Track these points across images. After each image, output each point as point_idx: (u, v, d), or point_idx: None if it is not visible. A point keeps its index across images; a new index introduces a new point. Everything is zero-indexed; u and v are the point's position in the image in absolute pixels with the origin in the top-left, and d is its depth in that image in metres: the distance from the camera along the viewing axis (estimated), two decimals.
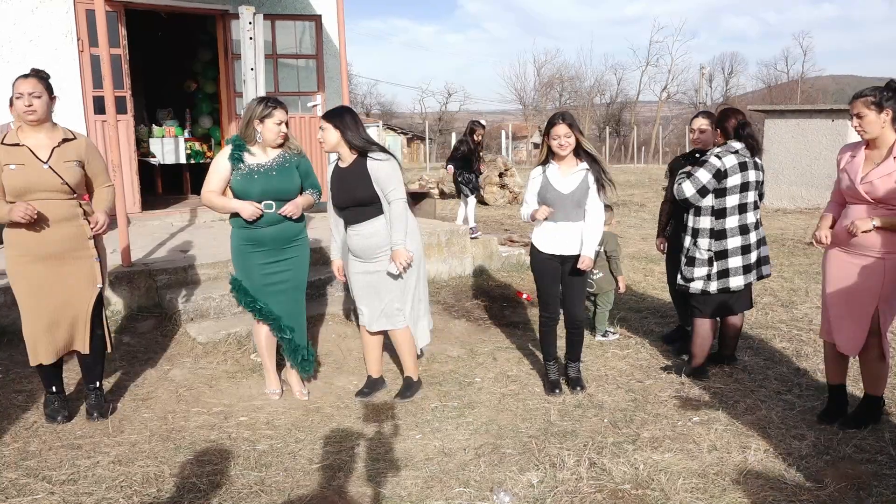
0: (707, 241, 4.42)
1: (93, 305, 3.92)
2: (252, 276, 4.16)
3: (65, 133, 3.85)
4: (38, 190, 3.68)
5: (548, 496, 3.22)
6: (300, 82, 8.81)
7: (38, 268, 3.76)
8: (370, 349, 4.50)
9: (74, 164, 3.80)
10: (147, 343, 5.15)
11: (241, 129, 4.14)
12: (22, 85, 3.67)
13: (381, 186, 4.11)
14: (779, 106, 15.03)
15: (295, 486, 3.31)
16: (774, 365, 4.89)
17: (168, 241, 6.96)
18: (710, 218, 4.41)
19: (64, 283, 3.81)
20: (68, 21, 7.34)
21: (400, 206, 4.14)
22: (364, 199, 4.14)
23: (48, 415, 3.96)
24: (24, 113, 3.67)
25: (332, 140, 4.14)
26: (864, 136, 3.64)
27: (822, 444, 3.67)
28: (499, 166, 14.16)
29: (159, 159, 9.82)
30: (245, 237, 4.12)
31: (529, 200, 4.40)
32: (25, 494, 3.19)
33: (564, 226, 4.28)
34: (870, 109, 3.56)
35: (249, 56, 4.72)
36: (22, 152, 3.68)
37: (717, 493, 3.23)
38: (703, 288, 4.47)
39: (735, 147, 4.40)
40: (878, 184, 3.56)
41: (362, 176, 4.13)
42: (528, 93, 53.02)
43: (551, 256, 4.34)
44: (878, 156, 3.63)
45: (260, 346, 4.36)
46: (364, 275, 4.31)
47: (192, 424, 3.96)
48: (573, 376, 4.54)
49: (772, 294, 6.75)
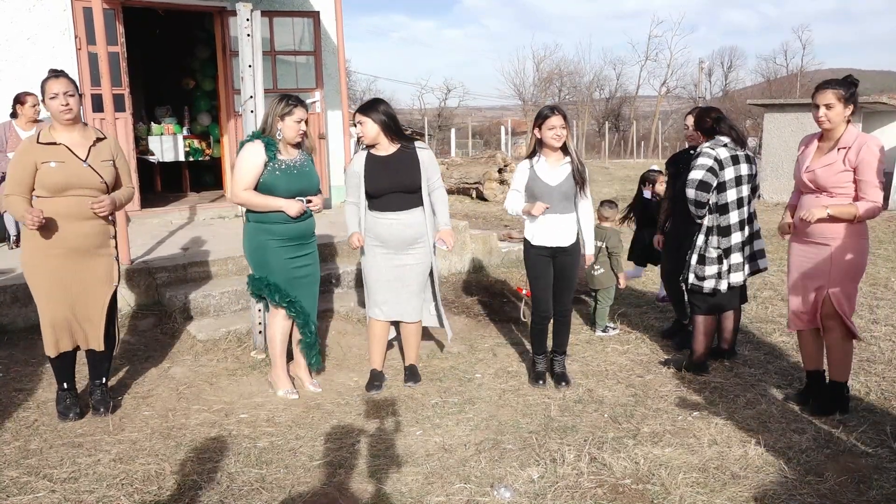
0: (716, 239, 4.43)
1: (108, 303, 3.96)
2: (281, 271, 4.18)
3: (95, 133, 3.95)
4: (76, 187, 3.76)
5: (548, 491, 3.22)
6: (298, 79, 8.79)
7: (58, 261, 3.80)
8: (378, 342, 4.55)
9: (110, 163, 3.91)
10: (147, 341, 5.15)
11: (264, 126, 4.14)
12: (55, 85, 3.74)
13: (428, 174, 4.32)
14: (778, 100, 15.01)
15: (296, 483, 3.31)
16: (774, 359, 4.89)
17: (167, 238, 6.96)
18: (715, 215, 4.42)
19: (82, 278, 3.86)
20: (66, 19, 7.32)
21: (444, 191, 4.45)
22: (411, 186, 4.27)
23: (60, 412, 3.97)
24: (61, 112, 3.75)
25: (371, 133, 4.24)
26: (825, 126, 3.76)
27: (823, 438, 3.68)
28: (498, 162, 14.14)
29: (158, 157, 9.81)
30: (273, 232, 4.13)
31: (515, 193, 4.43)
32: (26, 493, 3.19)
33: (553, 218, 4.31)
34: (839, 102, 3.68)
35: (247, 53, 4.71)
36: (60, 150, 3.75)
37: (718, 487, 3.24)
38: (715, 286, 4.48)
39: (723, 140, 4.43)
40: (820, 173, 3.74)
41: (411, 163, 4.27)
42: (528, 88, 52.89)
43: (542, 249, 4.36)
44: (827, 147, 3.79)
45: (274, 343, 4.34)
46: (390, 269, 4.36)
47: (192, 422, 3.96)
48: (558, 371, 4.55)
49: (771, 288, 6.75)
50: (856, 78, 3.79)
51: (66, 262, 3.81)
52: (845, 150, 3.68)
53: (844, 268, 3.77)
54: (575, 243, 4.37)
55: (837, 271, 3.77)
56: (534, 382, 4.50)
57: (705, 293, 4.50)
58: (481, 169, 14.15)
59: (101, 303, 3.94)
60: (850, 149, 3.66)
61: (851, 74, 3.81)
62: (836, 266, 3.77)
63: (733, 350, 4.92)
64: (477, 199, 13.88)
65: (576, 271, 4.47)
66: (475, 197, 14.00)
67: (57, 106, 3.73)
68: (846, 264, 3.76)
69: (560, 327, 4.55)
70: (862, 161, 3.62)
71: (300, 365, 4.47)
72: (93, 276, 3.89)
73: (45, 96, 3.77)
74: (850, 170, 3.66)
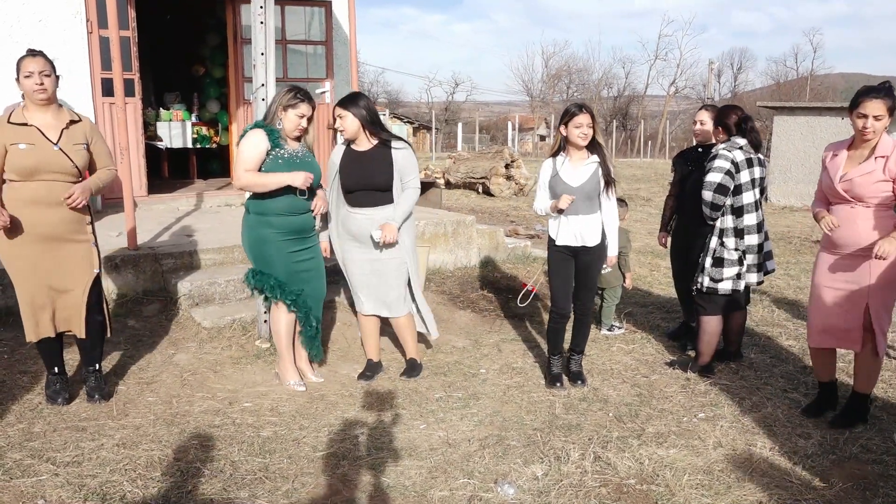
0: (733, 241, 4.40)
1: (90, 290, 3.90)
2: (284, 266, 4.15)
3: (70, 115, 3.84)
4: (46, 171, 3.67)
5: (552, 489, 3.21)
6: (309, 69, 8.76)
7: (34, 248, 3.73)
8: (369, 335, 4.57)
9: (83, 146, 3.80)
10: (152, 327, 5.15)
11: (267, 115, 4.12)
12: (31, 64, 3.64)
13: (401, 174, 4.23)
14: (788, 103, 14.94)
15: (299, 473, 3.30)
16: (780, 363, 4.87)
17: (174, 225, 6.94)
18: (731, 217, 4.39)
19: (60, 264, 3.80)
20: (78, 2, 7.29)
21: (415, 193, 4.30)
22: (381, 184, 4.21)
23: (49, 396, 3.96)
24: (35, 92, 3.65)
25: (352, 127, 4.20)
26: (868, 136, 3.59)
27: (829, 444, 3.66)
28: (505, 157, 14.10)
29: (166, 143, 9.79)
30: (273, 225, 4.09)
31: (541, 193, 4.39)
32: (30, 475, 3.18)
33: (575, 219, 4.26)
34: (888, 113, 3.54)
35: (260, 41, 4.68)
36: (31, 132, 3.66)
37: (722, 489, 3.22)
38: (732, 287, 4.45)
39: (739, 143, 4.40)
40: (858, 182, 3.60)
41: (384, 162, 4.20)
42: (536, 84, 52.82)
43: (564, 248, 4.32)
44: (861, 155, 3.65)
45: (279, 336, 4.31)
46: (367, 262, 4.33)
47: (196, 409, 3.96)
48: (575, 370, 4.53)
49: (778, 292, 6.72)
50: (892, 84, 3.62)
51: (40, 248, 3.74)
52: (884, 159, 3.54)
53: (884, 279, 3.62)
54: (599, 244, 4.31)
55: (878, 283, 3.63)
56: (550, 385, 4.44)
57: (720, 294, 4.48)
58: (488, 164, 14.11)
59: (83, 289, 3.88)
60: (890, 157, 3.52)
61: (889, 82, 3.63)
62: (875, 279, 3.62)
63: (739, 352, 4.90)
64: (483, 195, 13.85)
65: (597, 272, 4.43)
66: (481, 192, 13.97)
67: (31, 85, 3.63)
68: (885, 275, 3.62)
69: (579, 327, 4.53)
70: None
71: (302, 357, 4.46)
72: (70, 263, 3.82)
73: (19, 74, 3.65)
74: (890, 179, 3.52)
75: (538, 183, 4.43)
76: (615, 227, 4.40)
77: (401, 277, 4.39)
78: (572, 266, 4.36)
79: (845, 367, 4.55)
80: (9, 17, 7.04)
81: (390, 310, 4.43)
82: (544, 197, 4.36)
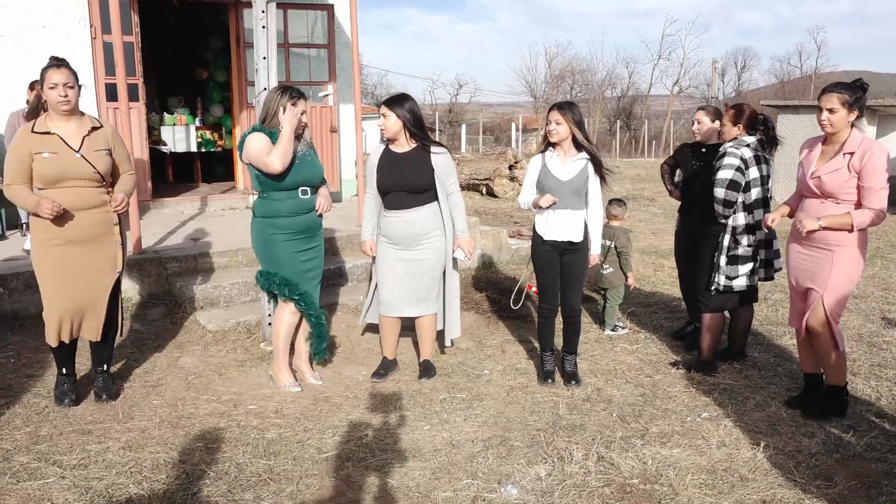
0: (746, 238, 4.42)
1: (110, 290, 3.96)
2: (290, 265, 4.19)
3: (92, 121, 3.92)
4: (70, 178, 3.74)
5: (556, 489, 3.22)
6: (311, 72, 8.79)
7: (64, 252, 3.80)
8: (389, 333, 4.59)
9: (104, 152, 3.87)
10: (157, 330, 5.17)
11: (265, 118, 4.14)
12: (56, 75, 3.71)
13: (441, 178, 4.29)
14: (792, 101, 14.91)
15: (303, 475, 3.32)
16: (784, 362, 4.86)
17: (179, 229, 6.98)
18: (743, 214, 4.41)
19: (88, 268, 3.87)
20: (81, 7, 7.34)
21: (460, 196, 4.43)
22: (419, 186, 4.27)
23: (57, 397, 3.99)
24: (59, 103, 3.73)
25: (393, 128, 4.25)
26: (827, 129, 3.72)
27: (832, 442, 3.66)
28: (508, 158, 14.09)
29: (170, 147, 9.84)
30: (280, 226, 4.14)
31: (527, 187, 4.44)
32: (36, 478, 3.21)
33: (563, 213, 4.30)
34: (843, 106, 3.64)
35: (262, 45, 4.71)
36: (53, 141, 3.73)
37: (726, 489, 3.22)
38: (748, 283, 4.50)
39: (747, 140, 4.43)
40: (826, 179, 3.70)
41: (422, 164, 4.26)
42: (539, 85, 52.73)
43: (550, 243, 4.35)
44: (832, 151, 3.75)
45: (279, 337, 4.33)
46: (401, 262, 4.38)
47: (201, 412, 3.98)
48: (569, 370, 4.54)
49: (782, 291, 6.71)
50: (866, 83, 3.73)
51: (70, 252, 3.81)
52: (850, 156, 3.63)
53: (843, 274, 3.73)
54: (584, 241, 4.36)
55: (836, 277, 3.73)
56: (542, 381, 4.49)
57: (735, 291, 4.50)
58: (491, 165, 14.11)
59: (105, 291, 3.94)
60: (855, 154, 3.61)
61: (861, 79, 3.76)
62: (835, 272, 3.73)
63: (743, 352, 4.90)
64: (487, 196, 13.85)
65: (584, 270, 4.45)
66: (485, 193, 13.97)
67: (55, 96, 3.71)
68: (845, 271, 3.73)
69: (570, 328, 4.54)
70: (865, 167, 3.57)
71: (301, 357, 4.48)
72: (97, 265, 3.89)
73: (44, 84, 3.73)
74: (855, 175, 3.61)
75: (525, 177, 4.47)
76: (599, 221, 4.42)
77: (436, 277, 4.45)
78: (558, 263, 4.39)
79: (850, 366, 4.54)
80: (14, 24, 7.09)
81: (421, 307, 4.46)
82: (530, 192, 4.42)
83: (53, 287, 3.83)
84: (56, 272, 3.81)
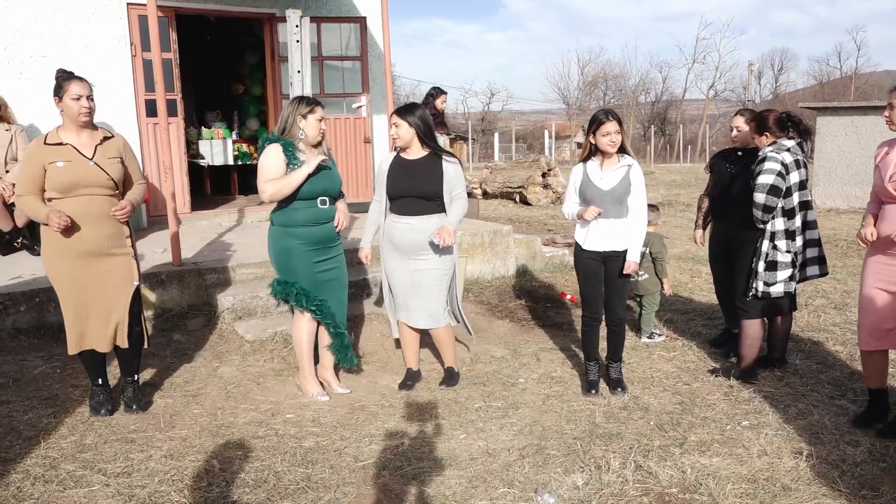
0: (785, 243, 4.34)
1: (130, 301, 4.02)
2: (307, 275, 4.24)
3: (103, 132, 4.01)
4: (84, 185, 3.82)
5: (593, 498, 3.19)
6: (345, 84, 8.89)
7: (78, 263, 3.87)
8: (408, 344, 4.61)
9: (117, 160, 3.95)
10: (196, 340, 5.27)
11: (284, 128, 4.21)
12: (79, 87, 3.81)
13: (450, 186, 4.31)
14: (831, 103, 14.62)
15: (341, 483, 3.35)
16: (827, 369, 4.76)
17: (216, 240, 7.10)
18: (782, 219, 4.33)
19: (101, 279, 3.92)
20: (122, 27, 7.54)
21: (465, 200, 4.41)
22: (428, 192, 4.29)
23: (93, 407, 4.07)
24: (81, 114, 3.82)
25: (406, 136, 4.30)
26: (894, 128, 3.55)
27: (878, 451, 3.56)
28: (542, 166, 14.06)
29: (208, 161, 10.02)
30: (298, 236, 4.19)
31: (570, 198, 4.41)
32: (82, 486, 3.29)
33: (605, 223, 4.26)
34: None
35: (296, 59, 4.79)
36: (67, 150, 3.82)
37: (768, 499, 3.17)
38: (785, 290, 4.41)
39: (786, 145, 4.35)
40: None
41: (434, 171, 4.29)
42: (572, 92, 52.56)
43: (593, 254, 4.32)
44: None
45: (301, 348, 4.38)
46: (407, 273, 4.38)
47: (240, 421, 4.04)
48: (614, 377, 4.51)
49: (824, 296, 6.58)
50: None
51: (83, 263, 3.87)
52: None
53: None
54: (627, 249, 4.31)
55: None
56: (586, 392, 4.44)
57: (773, 298, 4.43)
58: (525, 173, 14.10)
59: (125, 301, 3.99)
60: None
61: None
62: None
63: (784, 359, 4.81)
64: (521, 204, 13.84)
65: (628, 278, 4.41)
66: (519, 201, 13.96)
67: (79, 107, 3.80)
68: None
69: (614, 337, 4.50)
70: None
71: (326, 367, 4.52)
72: (111, 277, 3.94)
73: (63, 94, 3.80)
74: None
75: (568, 188, 4.45)
76: (640, 230, 4.33)
77: (441, 288, 4.42)
78: (601, 271, 4.35)
79: (894, 373, 4.43)
80: (57, 44, 7.31)
81: (430, 320, 4.45)
82: (574, 202, 4.39)
83: (69, 296, 3.90)
84: (70, 282, 3.88)
